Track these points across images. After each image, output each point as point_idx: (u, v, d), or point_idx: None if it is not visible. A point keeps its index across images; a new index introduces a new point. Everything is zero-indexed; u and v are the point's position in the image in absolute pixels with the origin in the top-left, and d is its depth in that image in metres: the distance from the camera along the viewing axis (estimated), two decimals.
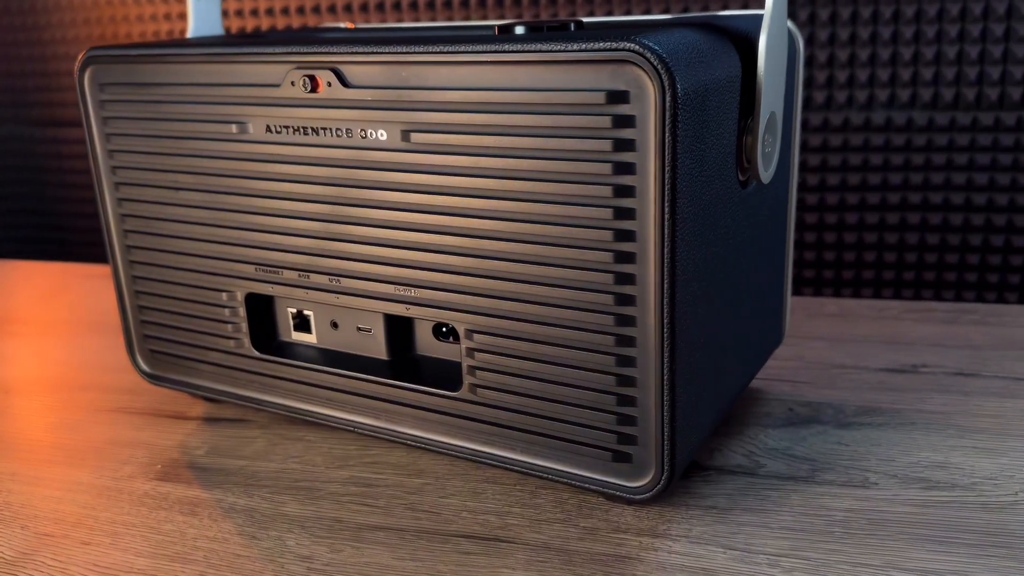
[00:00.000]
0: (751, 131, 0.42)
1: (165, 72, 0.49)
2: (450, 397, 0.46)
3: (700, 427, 0.44)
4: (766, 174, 0.44)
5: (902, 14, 0.70)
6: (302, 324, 0.52)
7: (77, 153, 1.01)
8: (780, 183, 0.49)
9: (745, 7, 0.74)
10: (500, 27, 0.44)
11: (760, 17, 0.45)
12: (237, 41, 0.49)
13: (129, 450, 0.53)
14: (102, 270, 0.90)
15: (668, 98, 0.35)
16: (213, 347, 0.53)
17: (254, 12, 0.83)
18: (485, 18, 0.80)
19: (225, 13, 0.84)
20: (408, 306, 0.45)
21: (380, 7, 0.83)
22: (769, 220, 0.48)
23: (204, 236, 0.51)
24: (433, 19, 0.82)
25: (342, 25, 0.64)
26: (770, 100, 0.42)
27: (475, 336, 0.44)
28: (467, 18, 0.80)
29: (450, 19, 0.81)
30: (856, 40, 0.72)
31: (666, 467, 0.41)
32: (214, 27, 0.60)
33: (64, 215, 1.03)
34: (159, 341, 0.56)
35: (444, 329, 0.48)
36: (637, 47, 0.35)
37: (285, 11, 0.85)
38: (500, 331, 0.43)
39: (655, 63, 0.35)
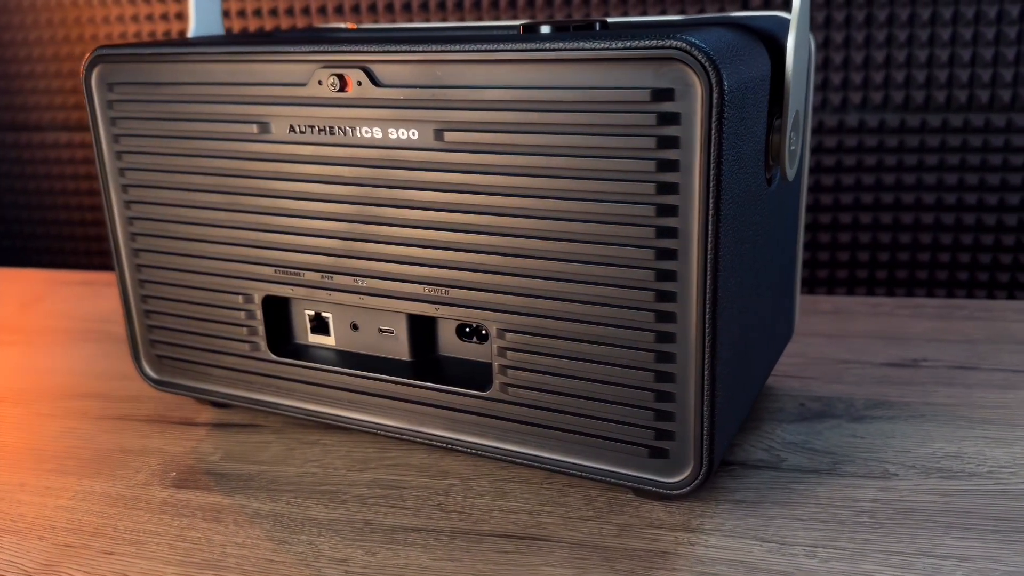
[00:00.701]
0: (779, 129, 0.43)
1: (181, 71, 0.48)
2: (480, 397, 0.46)
3: (733, 421, 0.44)
4: (791, 171, 0.45)
5: (918, 16, 0.72)
6: (320, 326, 0.51)
7: (38, 158, 0.98)
8: (796, 181, 0.50)
9: (745, 7, 0.75)
10: (524, 27, 0.44)
11: (778, 19, 0.46)
12: (257, 40, 0.48)
13: (140, 458, 0.52)
14: (73, 276, 0.87)
15: (715, 95, 0.36)
16: (227, 351, 0.52)
17: (257, 12, 0.82)
18: (480, 19, 0.80)
19: (226, 13, 0.83)
20: (437, 306, 0.45)
21: (372, 7, 0.82)
22: (785, 217, 0.49)
23: (219, 238, 0.50)
24: (427, 20, 0.81)
25: (342, 26, 0.64)
26: (796, 99, 0.43)
27: (508, 335, 0.44)
28: (462, 19, 0.80)
29: (445, 20, 0.81)
30: (851, 42, 0.73)
31: (704, 461, 0.41)
32: (215, 27, 0.59)
33: (24, 222, 1.00)
34: (167, 346, 0.54)
35: (467, 329, 0.48)
36: (684, 45, 0.36)
37: (288, 11, 0.84)
38: (535, 329, 0.43)
39: (703, 60, 0.36)
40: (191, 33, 0.58)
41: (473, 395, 0.46)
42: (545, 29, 0.43)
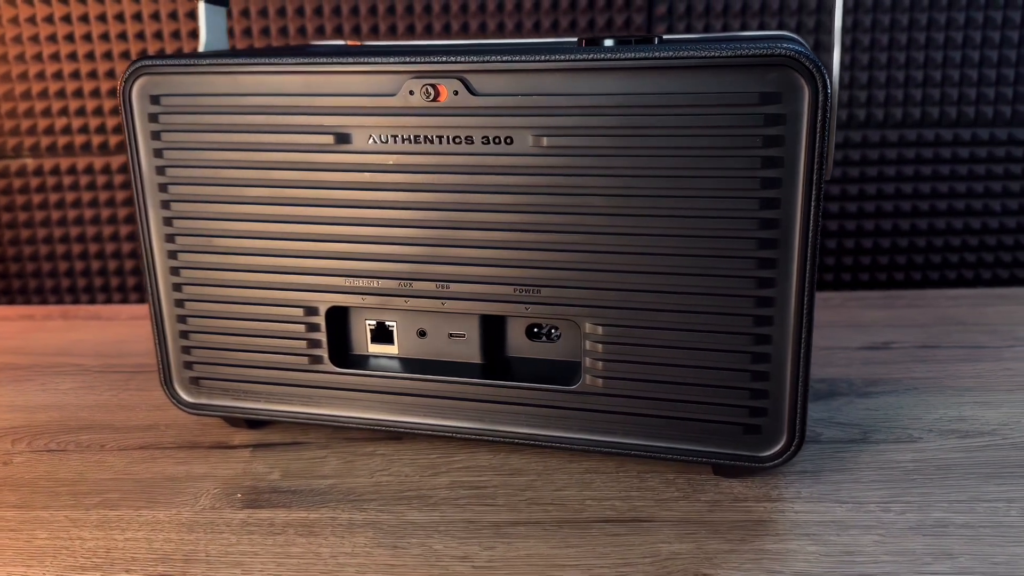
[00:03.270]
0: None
1: (244, 83, 0.47)
2: (568, 391, 0.48)
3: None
4: (831, 171, 0.50)
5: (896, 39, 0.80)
6: (381, 335, 0.51)
7: None
8: None
9: (743, 27, 0.81)
10: (585, 40, 0.47)
11: (786, 37, 0.51)
12: (331, 51, 0.48)
13: (192, 483, 0.50)
14: (8, 311, 0.81)
15: (821, 98, 0.40)
16: (281, 366, 0.51)
17: (247, 32, 0.79)
18: (481, 36, 0.81)
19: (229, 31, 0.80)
20: (528, 306, 0.47)
21: (375, 28, 0.82)
22: None
23: (280, 251, 0.49)
24: (420, 38, 0.82)
25: (342, 43, 0.64)
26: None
27: (602, 329, 0.46)
28: (459, 35, 0.81)
29: (443, 36, 0.82)
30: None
31: (797, 434, 0.45)
32: (222, 43, 0.58)
33: None
34: (206, 367, 0.53)
35: (536, 329, 0.50)
36: (793, 53, 0.40)
37: (282, 31, 0.82)
38: (631, 322, 0.46)
39: (810, 67, 0.40)
40: (203, 48, 0.56)
41: (561, 390, 0.48)
42: (608, 42, 0.46)
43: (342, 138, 0.47)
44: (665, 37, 0.51)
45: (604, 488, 0.49)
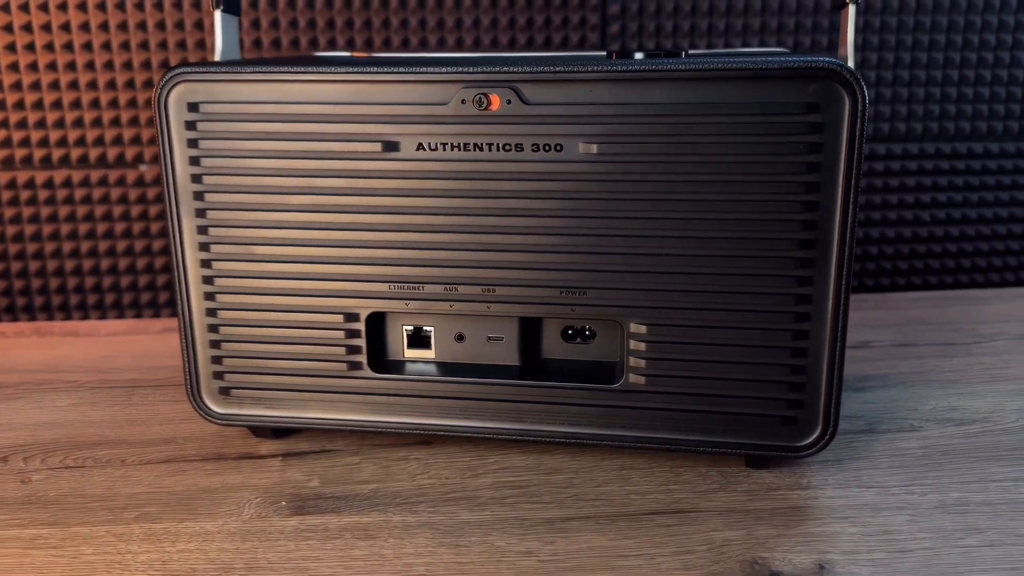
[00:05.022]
0: None
1: (290, 91, 0.47)
2: (610, 390, 0.49)
3: None
4: None
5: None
6: (417, 340, 0.52)
7: None
8: None
9: (728, 46, 0.84)
10: (616, 53, 0.49)
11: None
12: (379, 61, 0.49)
13: (231, 494, 0.50)
14: None
15: (860, 107, 0.43)
16: (319, 373, 0.52)
17: (257, 43, 0.78)
18: (475, 49, 0.82)
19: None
20: (574, 307, 0.48)
21: (387, 41, 0.82)
22: None
23: (321, 258, 0.50)
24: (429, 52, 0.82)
25: (346, 54, 0.64)
26: None
27: (646, 328, 0.48)
28: (453, 48, 0.82)
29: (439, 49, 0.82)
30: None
31: (832, 424, 0.48)
32: (234, 52, 0.58)
33: None
34: (237, 376, 0.52)
35: (570, 331, 0.52)
36: (835, 66, 0.43)
37: (275, 43, 0.81)
38: (675, 321, 0.48)
39: (851, 79, 0.43)
40: (218, 57, 0.56)
41: (603, 389, 0.50)
42: (639, 55, 0.48)
43: (390, 146, 0.47)
44: (691, 52, 0.53)
45: (643, 483, 0.50)
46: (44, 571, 0.43)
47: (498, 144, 0.47)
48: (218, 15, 0.56)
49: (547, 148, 0.46)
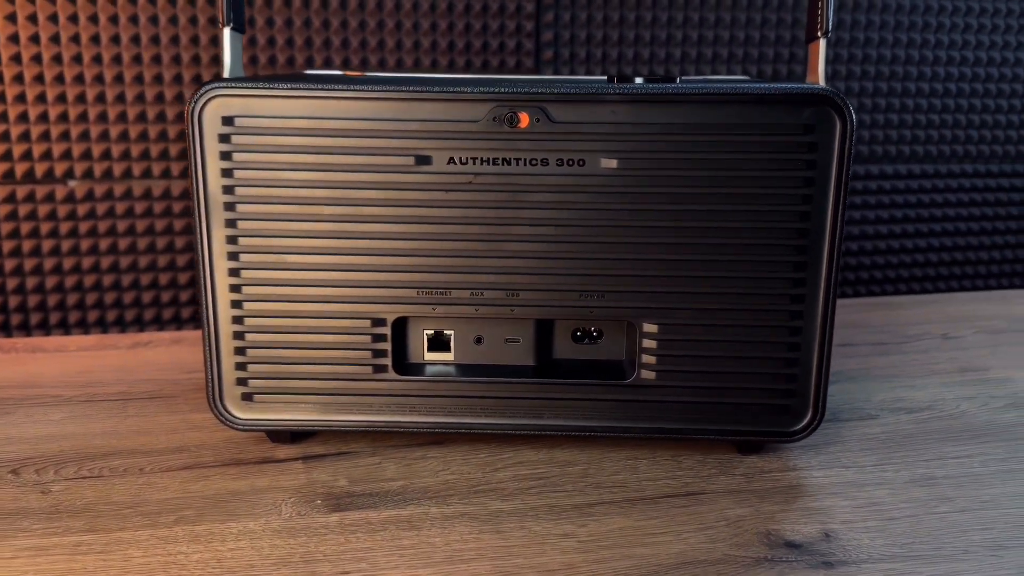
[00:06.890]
0: None
1: (326, 108, 0.50)
2: (623, 385, 0.54)
3: None
4: None
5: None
6: (437, 343, 0.55)
7: None
8: None
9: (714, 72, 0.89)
10: (616, 77, 0.54)
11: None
12: (414, 81, 0.52)
13: (263, 496, 0.51)
14: None
15: (849, 129, 0.49)
16: (342, 377, 0.54)
17: (254, 60, 0.78)
18: (467, 70, 0.85)
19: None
20: (592, 310, 0.53)
21: (382, 62, 0.84)
22: None
23: (353, 266, 0.52)
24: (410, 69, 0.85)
25: (339, 72, 0.67)
26: None
27: (658, 328, 0.53)
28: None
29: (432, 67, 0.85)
30: None
31: (820, 410, 0.54)
32: (240, 69, 0.60)
33: None
34: (261, 381, 0.54)
35: (579, 333, 0.56)
36: (830, 92, 0.49)
37: (271, 60, 0.81)
38: (684, 320, 0.52)
39: (841, 104, 0.49)
40: (227, 74, 0.58)
41: (615, 384, 0.54)
42: (638, 80, 0.53)
43: (423, 160, 0.51)
44: (684, 79, 0.59)
45: (650, 471, 0.55)
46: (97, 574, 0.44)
47: (525, 159, 0.50)
48: (227, 32, 0.57)
49: (571, 163, 0.50)
